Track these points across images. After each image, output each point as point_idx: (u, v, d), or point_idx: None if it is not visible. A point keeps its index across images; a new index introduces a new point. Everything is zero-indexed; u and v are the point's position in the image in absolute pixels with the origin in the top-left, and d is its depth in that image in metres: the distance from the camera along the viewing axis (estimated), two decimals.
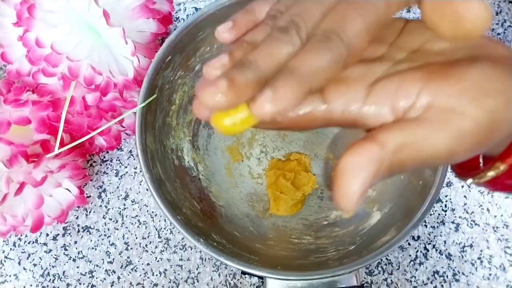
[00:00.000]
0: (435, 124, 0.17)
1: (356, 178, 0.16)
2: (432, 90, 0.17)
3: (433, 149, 0.17)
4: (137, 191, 0.43)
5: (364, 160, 0.16)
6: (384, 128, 0.17)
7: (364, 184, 0.16)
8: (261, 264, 0.32)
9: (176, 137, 0.40)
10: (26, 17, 0.33)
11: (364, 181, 0.16)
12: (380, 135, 0.17)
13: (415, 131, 0.17)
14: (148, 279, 0.41)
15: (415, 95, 0.17)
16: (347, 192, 0.16)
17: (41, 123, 0.36)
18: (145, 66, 0.37)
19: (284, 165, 0.42)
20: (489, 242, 0.40)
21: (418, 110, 0.17)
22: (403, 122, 0.17)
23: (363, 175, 0.16)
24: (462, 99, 0.17)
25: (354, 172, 0.16)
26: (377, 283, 0.40)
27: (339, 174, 0.16)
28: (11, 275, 0.41)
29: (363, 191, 0.16)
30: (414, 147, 0.17)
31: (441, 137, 0.17)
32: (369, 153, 0.16)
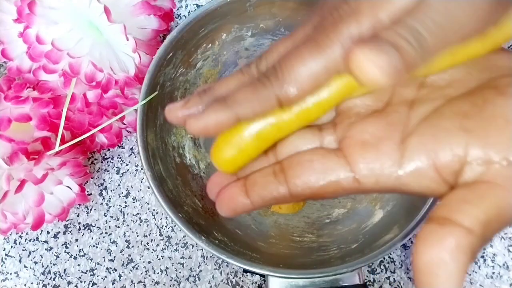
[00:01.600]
0: (506, 182, 0.14)
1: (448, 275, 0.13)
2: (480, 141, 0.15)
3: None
4: (138, 188, 0.42)
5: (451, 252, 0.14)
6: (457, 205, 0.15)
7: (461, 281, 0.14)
8: (263, 262, 0.32)
9: (178, 135, 0.39)
10: (26, 13, 0.33)
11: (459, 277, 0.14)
12: (458, 214, 0.14)
13: (494, 200, 0.14)
14: (150, 277, 0.41)
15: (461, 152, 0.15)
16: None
17: (41, 120, 0.36)
18: (146, 63, 0.37)
19: None
20: (492, 241, 0.40)
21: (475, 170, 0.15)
22: (471, 192, 0.15)
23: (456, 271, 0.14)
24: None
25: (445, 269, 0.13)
26: (380, 282, 0.40)
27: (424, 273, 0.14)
28: (11, 273, 0.41)
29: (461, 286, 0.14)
30: (498, 218, 0.14)
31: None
32: (455, 241, 0.14)
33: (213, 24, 0.36)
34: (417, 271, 0.14)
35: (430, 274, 0.14)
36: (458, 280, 0.14)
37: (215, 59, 0.39)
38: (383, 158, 0.17)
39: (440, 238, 0.14)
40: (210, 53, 0.39)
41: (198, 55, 0.38)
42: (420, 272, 0.14)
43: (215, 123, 0.17)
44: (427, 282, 0.14)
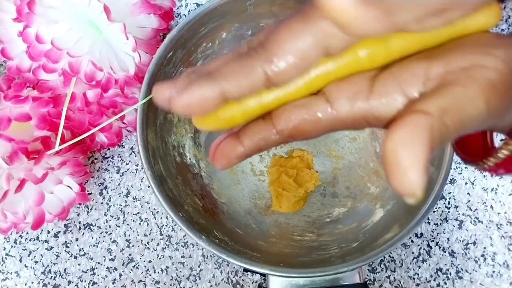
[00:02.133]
0: (463, 82, 0.16)
1: (415, 150, 0.14)
2: (439, 60, 0.17)
3: (473, 104, 0.16)
4: (138, 188, 0.42)
5: (415, 131, 0.15)
6: (418, 100, 0.16)
7: (425, 156, 0.14)
8: (263, 261, 0.32)
9: (178, 134, 0.39)
10: (26, 12, 0.33)
11: (424, 152, 0.14)
12: (419, 105, 0.16)
13: (451, 93, 0.16)
14: (150, 277, 0.41)
15: (422, 72, 0.17)
16: (408, 170, 0.14)
17: (41, 120, 0.36)
18: (146, 62, 0.37)
19: (287, 162, 0.41)
20: (492, 239, 0.40)
21: (434, 81, 0.16)
22: (433, 92, 0.16)
23: (421, 145, 0.14)
24: (475, 56, 0.16)
25: (410, 145, 0.14)
26: (380, 281, 0.40)
27: (392, 153, 0.15)
28: (12, 273, 0.41)
29: (426, 165, 0.14)
30: (456, 108, 0.16)
31: (476, 91, 0.16)
32: (417, 123, 0.15)
33: (213, 23, 0.36)
34: (384, 159, 0.15)
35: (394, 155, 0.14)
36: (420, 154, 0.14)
37: (215, 58, 0.39)
38: (356, 87, 0.18)
39: (401, 124, 0.15)
40: (210, 52, 0.38)
41: (198, 54, 0.38)
42: (386, 159, 0.15)
43: (199, 99, 0.17)
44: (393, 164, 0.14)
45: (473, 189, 0.41)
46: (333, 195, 0.41)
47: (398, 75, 0.17)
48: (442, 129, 0.15)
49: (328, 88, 0.18)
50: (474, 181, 0.41)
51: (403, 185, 0.14)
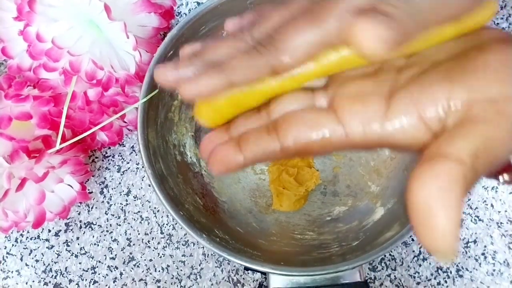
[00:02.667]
0: (493, 120, 0.15)
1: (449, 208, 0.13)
2: (463, 86, 0.16)
3: (504, 147, 0.15)
4: (139, 186, 0.42)
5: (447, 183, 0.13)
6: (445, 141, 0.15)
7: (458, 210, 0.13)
8: (264, 260, 0.32)
9: (179, 133, 0.39)
10: (26, 11, 0.33)
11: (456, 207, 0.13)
12: (447, 148, 0.14)
13: (481, 133, 0.15)
14: (151, 275, 0.41)
15: (444, 99, 0.16)
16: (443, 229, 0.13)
17: (42, 119, 0.36)
18: (146, 61, 0.37)
19: (287, 160, 0.41)
20: (493, 238, 0.40)
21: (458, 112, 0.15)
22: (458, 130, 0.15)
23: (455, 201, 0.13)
24: (499, 84, 0.15)
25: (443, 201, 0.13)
26: (381, 279, 0.40)
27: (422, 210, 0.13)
28: (13, 271, 0.41)
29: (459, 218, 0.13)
30: (487, 152, 0.14)
31: (506, 129, 0.15)
32: (449, 173, 0.13)
33: (213, 22, 0.36)
34: (413, 210, 0.14)
35: (428, 210, 0.13)
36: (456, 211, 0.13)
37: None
38: (370, 110, 0.17)
39: (434, 173, 0.14)
40: None
41: None
42: (417, 211, 0.14)
43: (209, 89, 0.18)
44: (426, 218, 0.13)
45: (473, 188, 0.41)
46: (333, 194, 0.41)
47: (417, 99, 0.16)
48: (473, 177, 0.14)
49: (340, 107, 0.18)
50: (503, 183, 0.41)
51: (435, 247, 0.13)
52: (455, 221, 0.13)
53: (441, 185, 0.13)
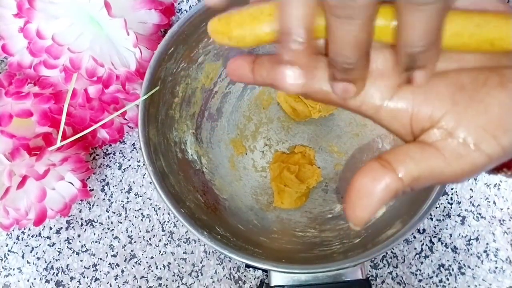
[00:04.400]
0: (451, 158, 0.17)
1: (369, 204, 0.17)
2: (457, 116, 0.17)
3: (445, 178, 0.17)
4: (140, 184, 0.42)
5: (379, 189, 0.17)
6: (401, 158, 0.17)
7: (376, 208, 0.17)
8: (265, 257, 0.32)
9: (179, 130, 0.39)
10: (26, 8, 0.33)
11: (377, 206, 0.17)
12: (398, 165, 0.17)
13: (432, 164, 0.17)
14: (152, 273, 0.41)
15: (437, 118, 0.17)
16: (360, 215, 0.17)
17: (43, 116, 0.36)
18: (147, 58, 0.37)
19: (288, 158, 0.41)
20: (495, 235, 0.40)
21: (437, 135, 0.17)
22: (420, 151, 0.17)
23: (377, 203, 0.17)
24: (484, 134, 0.17)
25: (367, 197, 0.17)
26: (382, 276, 0.40)
27: (352, 196, 0.17)
28: (14, 269, 0.41)
29: (374, 213, 0.17)
30: (427, 178, 0.17)
31: (455, 169, 0.17)
32: (385, 183, 0.17)
33: None
34: (350, 191, 0.17)
35: (360, 196, 0.17)
36: (373, 209, 0.17)
37: (216, 53, 0.39)
38: (375, 90, 0.18)
39: (377, 175, 0.17)
40: (212, 47, 0.38)
41: (200, 50, 0.38)
42: (352, 192, 0.17)
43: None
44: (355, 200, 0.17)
45: (475, 185, 0.41)
46: (335, 191, 0.41)
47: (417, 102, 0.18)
48: (406, 191, 0.17)
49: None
50: (477, 177, 0.41)
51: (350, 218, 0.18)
52: (368, 213, 0.17)
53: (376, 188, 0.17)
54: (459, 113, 0.17)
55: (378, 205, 0.17)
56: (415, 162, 0.17)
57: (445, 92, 0.18)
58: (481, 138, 0.17)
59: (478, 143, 0.17)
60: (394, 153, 0.18)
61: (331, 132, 0.42)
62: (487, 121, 0.17)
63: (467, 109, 0.17)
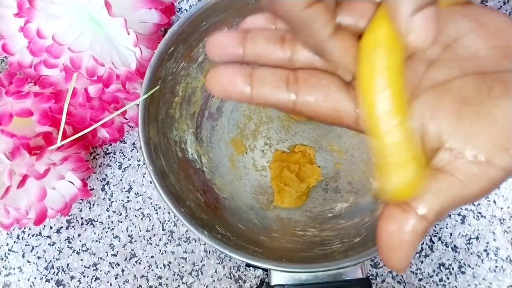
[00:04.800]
0: (467, 179, 0.17)
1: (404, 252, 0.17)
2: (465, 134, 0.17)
3: (467, 199, 0.17)
4: (140, 183, 0.42)
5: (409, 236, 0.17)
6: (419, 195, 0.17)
7: (413, 253, 0.17)
8: (265, 257, 0.32)
9: (180, 129, 0.39)
10: (27, 7, 0.33)
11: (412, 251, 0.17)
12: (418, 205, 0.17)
13: (451, 192, 0.17)
14: (152, 272, 0.41)
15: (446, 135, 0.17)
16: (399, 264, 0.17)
17: (43, 115, 0.36)
18: (147, 57, 0.37)
19: (289, 157, 0.41)
20: (495, 234, 0.40)
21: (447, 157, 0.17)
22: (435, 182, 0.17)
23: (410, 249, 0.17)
24: (495, 149, 0.16)
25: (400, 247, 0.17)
26: (382, 276, 0.40)
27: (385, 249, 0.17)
28: (15, 268, 0.41)
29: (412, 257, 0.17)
30: (450, 206, 0.17)
31: (474, 190, 0.17)
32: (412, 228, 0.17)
33: (214, 18, 0.36)
34: (381, 244, 0.17)
35: (393, 248, 0.17)
36: (410, 254, 0.17)
37: None
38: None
39: (401, 222, 0.17)
40: None
41: (200, 49, 0.38)
42: (383, 246, 0.17)
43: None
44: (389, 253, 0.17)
45: None
46: (335, 190, 0.41)
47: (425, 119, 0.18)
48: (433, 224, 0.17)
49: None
50: None
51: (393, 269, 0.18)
52: (406, 260, 0.17)
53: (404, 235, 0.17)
54: (466, 130, 0.17)
55: (412, 250, 0.17)
56: (434, 195, 0.17)
57: (451, 108, 0.17)
58: (493, 152, 0.16)
59: (490, 159, 0.16)
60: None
61: (331, 131, 0.42)
62: (496, 134, 0.16)
63: (474, 125, 0.17)
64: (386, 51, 0.17)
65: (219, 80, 0.19)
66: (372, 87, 0.17)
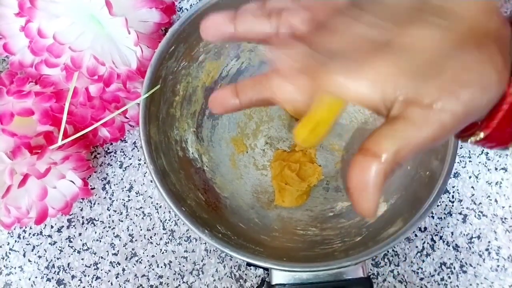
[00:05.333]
0: (420, 123, 0.18)
1: (369, 194, 0.18)
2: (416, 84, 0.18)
3: (421, 144, 0.18)
4: (141, 182, 0.42)
5: (370, 176, 0.18)
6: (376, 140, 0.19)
7: (377, 194, 0.18)
8: (266, 256, 0.32)
9: (180, 128, 0.39)
10: (28, 7, 0.33)
11: (377, 192, 0.18)
12: (375, 147, 0.18)
13: (405, 135, 0.18)
14: (153, 271, 0.41)
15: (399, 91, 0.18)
16: (366, 206, 0.19)
17: (44, 115, 0.36)
18: (148, 57, 0.37)
19: (289, 156, 0.41)
20: (497, 233, 0.40)
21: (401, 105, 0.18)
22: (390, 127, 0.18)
23: (374, 189, 0.18)
24: (441, 95, 0.18)
25: (365, 189, 0.18)
26: (384, 275, 0.40)
27: (353, 193, 0.19)
28: (16, 267, 0.41)
29: (378, 199, 0.19)
30: (406, 148, 0.18)
31: (427, 133, 0.18)
32: (372, 169, 0.18)
33: None
34: (350, 189, 0.19)
35: (359, 191, 0.18)
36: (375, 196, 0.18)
37: (217, 52, 0.39)
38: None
39: (363, 165, 0.18)
40: (212, 46, 0.38)
41: (200, 48, 0.38)
42: (352, 190, 0.19)
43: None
44: (357, 196, 0.19)
45: (477, 183, 0.41)
46: (336, 189, 0.41)
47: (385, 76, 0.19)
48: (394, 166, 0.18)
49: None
50: (478, 174, 0.41)
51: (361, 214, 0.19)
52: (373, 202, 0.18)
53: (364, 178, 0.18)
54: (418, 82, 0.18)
55: (377, 191, 0.18)
56: (390, 138, 0.18)
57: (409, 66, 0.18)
58: (441, 97, 0.18)
59: (439, 102, 0.18)
60: (370, 139, 0.19)
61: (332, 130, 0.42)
62: (443, 83, 0.18)
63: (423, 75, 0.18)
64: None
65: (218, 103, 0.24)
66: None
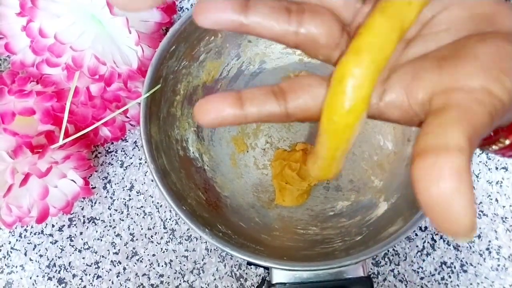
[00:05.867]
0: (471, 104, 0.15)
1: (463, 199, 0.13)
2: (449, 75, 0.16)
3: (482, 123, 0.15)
4: (142, 182, 0.42)
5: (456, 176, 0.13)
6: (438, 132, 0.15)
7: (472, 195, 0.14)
8: (266, 255, 0.32)
9: (181, 128, 0.39)
10: (29, 7, 0.33)
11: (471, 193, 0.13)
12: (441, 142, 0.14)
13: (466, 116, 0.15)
14: (154, 270, 0.41)
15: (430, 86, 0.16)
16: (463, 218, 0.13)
17: (45, 114, 0.36)
18: (149, 56, 0.37)
19: (290, 155, 0.41)
20: (497, 233, 0.40)
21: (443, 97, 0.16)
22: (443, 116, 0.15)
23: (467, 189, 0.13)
24: (485, 77, 0.15)
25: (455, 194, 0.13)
26: (384, 274, 0.40)
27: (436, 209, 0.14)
28: (17, 266, 0.41)
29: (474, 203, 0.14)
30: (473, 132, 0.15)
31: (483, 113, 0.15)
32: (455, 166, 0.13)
33: None
34: (429, 208, 0.14)
35: (444, 205, 0.13)
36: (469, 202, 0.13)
37: (218, 51, 0.39)
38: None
39: (439, 168, 0.13)
40: (213, 45, 0.38)
41: (201, 48, 0.38)
42: (432, 209, 0.14)
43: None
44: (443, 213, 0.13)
45: (478, 182, 0.41)
46: (336, 189, 0.41)
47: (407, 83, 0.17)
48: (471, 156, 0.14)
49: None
50: (479, 174, 0.41)
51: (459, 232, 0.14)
52: (470, 206, 0.13)
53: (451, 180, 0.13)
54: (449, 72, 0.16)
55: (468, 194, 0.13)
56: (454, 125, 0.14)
57: (430, 65, 0.17)
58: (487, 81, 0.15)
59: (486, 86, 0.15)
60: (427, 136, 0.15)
61: None
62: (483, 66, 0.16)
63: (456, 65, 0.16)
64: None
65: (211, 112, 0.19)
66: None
